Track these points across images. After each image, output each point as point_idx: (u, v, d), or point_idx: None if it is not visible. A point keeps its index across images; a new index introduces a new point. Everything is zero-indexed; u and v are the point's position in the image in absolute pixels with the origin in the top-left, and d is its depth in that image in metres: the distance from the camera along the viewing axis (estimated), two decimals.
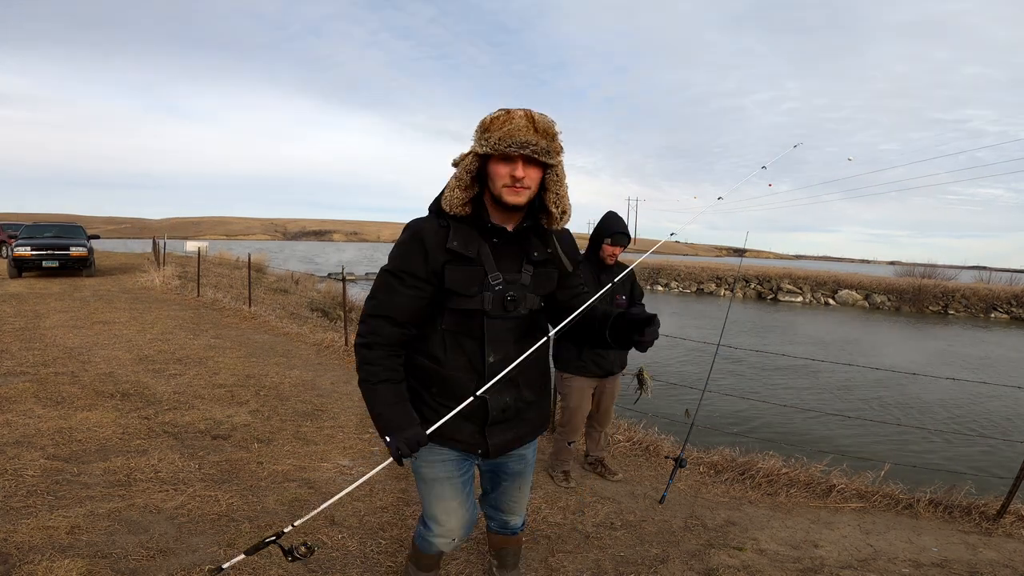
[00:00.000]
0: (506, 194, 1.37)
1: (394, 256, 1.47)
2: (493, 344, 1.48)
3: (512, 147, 1.30)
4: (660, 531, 2.91)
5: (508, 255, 1.49)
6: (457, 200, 1.41)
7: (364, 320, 1.48)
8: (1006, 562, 2.80)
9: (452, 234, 1.43)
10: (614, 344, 1.51)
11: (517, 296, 1.47)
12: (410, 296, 1.44)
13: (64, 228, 15.31)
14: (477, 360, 1.49)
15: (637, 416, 4.91)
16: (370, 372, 1.45)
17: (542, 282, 1.55)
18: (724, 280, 27.08)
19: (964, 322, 20.29)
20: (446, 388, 1.49)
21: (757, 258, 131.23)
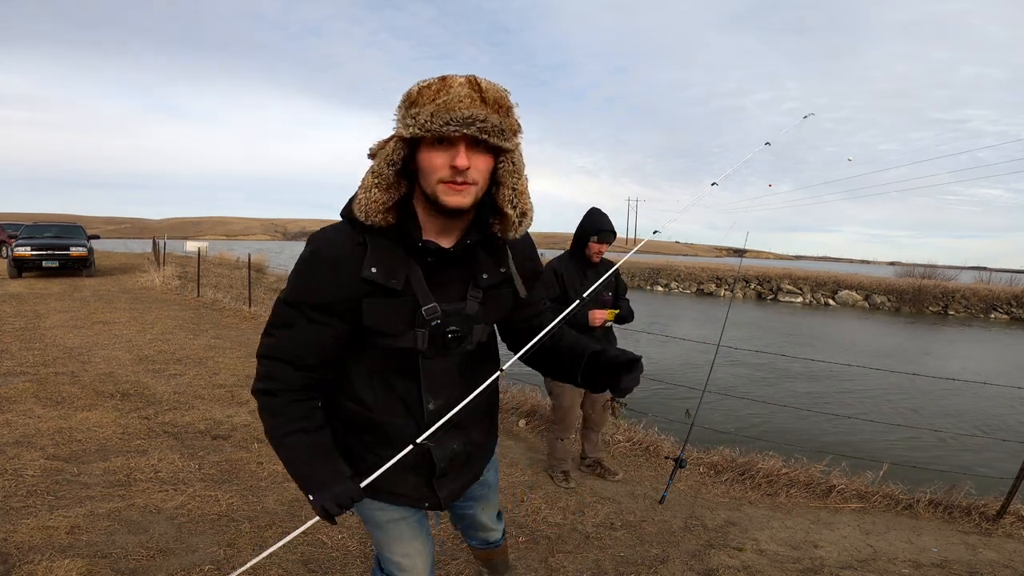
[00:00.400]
0: (444, 193, 1.01)
1: (293, 282, 1.11)
2: (432, 388, 1.18)
3: (451, 125, 0.95)
4: (660, 531, 2.91)
5: (448, 279, 1.15)
6: (376, 205, 1.04)
7: (260, 360, 1.16)
8: (1006, 562, 2.80)
9: (370, 255, 1.07)
10: (586, 387, 1.24)
11: (461, 331, 1.15)
12: (316, 334, 1.11)
13: (64, 228, 15.32)
14: (414, 404, 1.19)
15: (637, 416, 4.91)
16: (275, 424, 1.15)
17: (493, 308, 1.22)
18: (724, 280, 27.08)
19: (964, 322, 20.29)
20: (380, 436, 1.20)
21: (757, 258, 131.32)
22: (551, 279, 3.30)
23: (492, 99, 0.99)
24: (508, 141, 1.03)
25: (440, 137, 0.98)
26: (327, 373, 1.19)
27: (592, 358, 1.22)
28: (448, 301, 1.14)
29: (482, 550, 1.83)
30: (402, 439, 1.17)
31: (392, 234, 1.09)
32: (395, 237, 1.09)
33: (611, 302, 3.27)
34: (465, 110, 0.95)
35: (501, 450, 3.87)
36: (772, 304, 23.69)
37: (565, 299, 3.23)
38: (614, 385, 1.16)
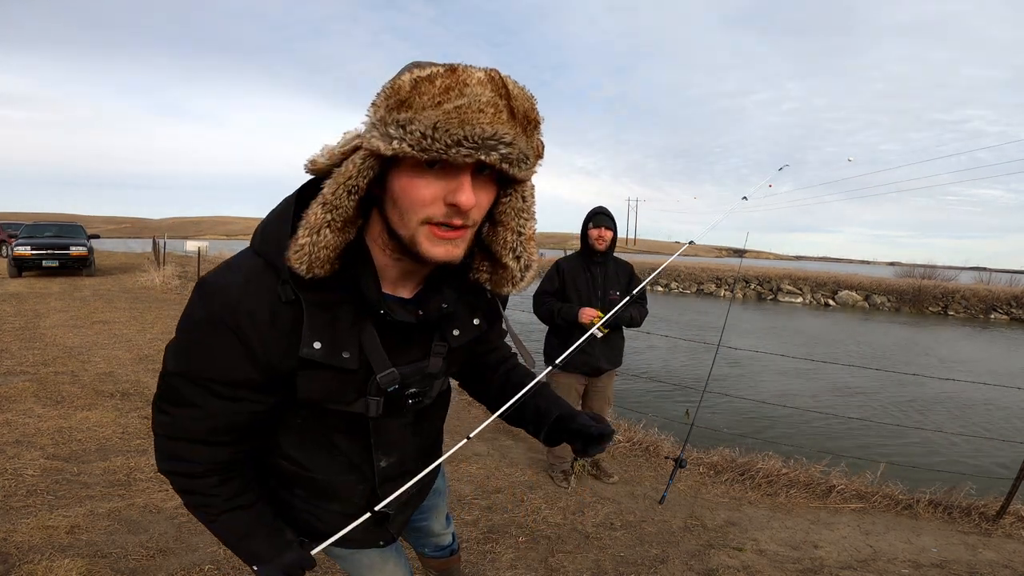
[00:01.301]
0: (429, 239, 0.74)
1: (186, 354, 0.82)
2: (384, 447, 0.99)
3: (465, 147, 0.66)
4: (660, 531, 2.91)
5: (410, 339, 0.90)
6: (325, 253, 0.75)
7: (158, 439, 0.90)
8: (1005, 563, 2.80)
9: (309, 323, 0.79)
10: (548, 444, 1.08)
11: (422, 391, 0.96)
12: (231, 412, 0.85)
13: (64, 228, 15.32)
14: (362, 463, 0.99)
15: (637, 416, 4.91)
16: (201, 504, 0.92)
17: (460, 357, 1.03)
18: (724, 281, 27.08)
19: (964, 323, 20.30)
20: (318, 491, 1.01)
21: (757, 259, 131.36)
22: (552, 273, 3.29)
23: (521, 111, 0.69)
24: (528, 172, 0.75)
25: (439, 161, 0.68)
26: (258, 442, 0.95)
27: (557, 423, 1.04)
28: (407, 362, 0.90)
29: (437, 559, 1.65)
30: (349, 494, 1.01)
31: (336, 285, 0.79)
32: (340, 290, 0.79)
33: (618, 302, 3.22)
34: (487, 126, 0.65)
35: (501, 450, 3.87)
36: (772, 304, 23.70)
37: (564, 295, 3.23)
38: (578, 451, 1.01)
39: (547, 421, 1.05)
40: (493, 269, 0.90)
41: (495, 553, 2.56)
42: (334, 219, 0.73)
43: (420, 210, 0.71)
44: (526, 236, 0.85)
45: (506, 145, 0.68)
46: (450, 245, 0.75)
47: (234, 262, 0.82)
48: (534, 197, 0.84)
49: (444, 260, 0.76)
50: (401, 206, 0.73)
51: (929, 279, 25.79)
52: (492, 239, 0.86)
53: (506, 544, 2.64)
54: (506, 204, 0.82)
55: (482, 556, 2.52)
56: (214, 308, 0.77)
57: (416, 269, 0.85)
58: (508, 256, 0.85)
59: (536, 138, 0.74)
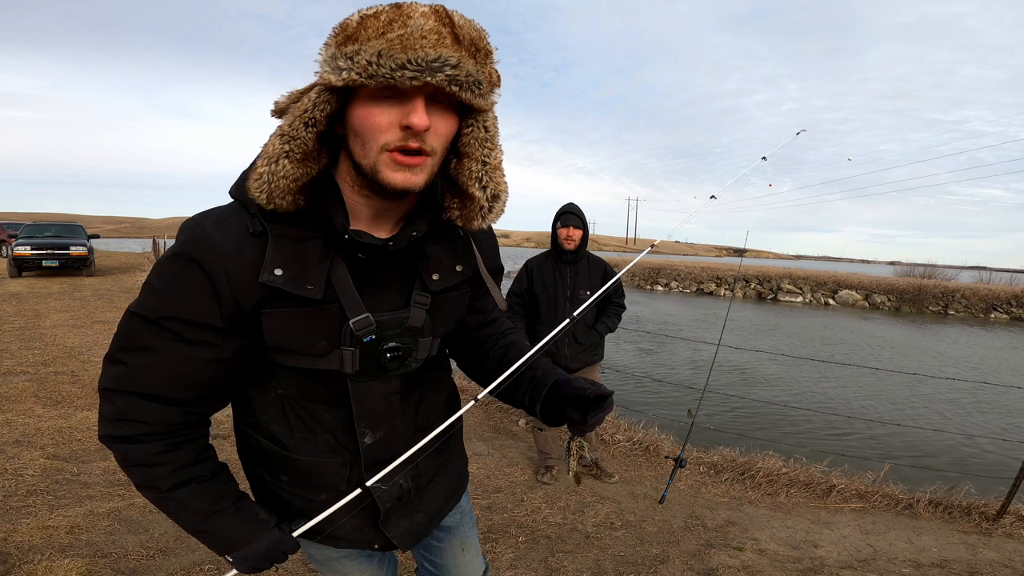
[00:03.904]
0: (388, 166, 0.74)
1: (154, 288, 0.79)
2: (368, 419, 0.91)
3: (409, 69, 0.67)
4: (660, 531, 2.91)
5: (385, 280, 0.87)
6: (284, 183, 0.75)
7: (105, 395, 0.82)
8: (1006, 562, 2.80)
9: (273, 251, 0.78)
10: (544, 420, 1.00)
11: (403, 347, 0.88)
12: (189, 359, 0.80)
13: (64, 227, 15.32)
14: (345, 439, 0.92)
15: (637, 416, 4.91)
16: (150, 477, 0.83)
17: (444, 315, 0.95)
18: (724, 280, 27.08)
19: (964, 322, 20.30)
20: (301, 476, 0.93)
21: (757, 258, 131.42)
22: (521, 274, 3.30)
23: (467, 38, 0.71)
24: (483, 98, 0.76)
25: (388, 87, 0.70)
26: (215, 405, 0.89)
27: (554, 388, 0.97)
28: (385, 309, 0.87)
29: None
30: (334, 479, 0.92)
31: (305, 222, 0.80)
32: (309, 226, 0.80)
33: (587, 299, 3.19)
34: (430, 49, 0.67)
35: (501, 450, 3.87)
36: (772, 304, 23.69)
37: (532, 296, 3.24)
38: (576, 421, 0.92)
39: (542, 389, 0.99)
40: (462, 204, 0.87)
41: (495, 553, 2.56)
42: (292, 150, 0.75)
43: (378, 136, 0.73)
44: (491, 165, 0.83)
45: (451, 67, 0.69)
46: (408, 172, 0.75)
47: (216, 207, 0.84)
48: (497, 128, 0.84)
49: (404, 186, 0.75)
50: (361, 136, 0.74)
51: (929, 278, 25.78)
52: (458, 172, 0.84)
53: (506, 544, 2.64)
54: (469, 135, 0.82)
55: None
56: (184, 242, 0.78)
57: (388, 208, 0.83)
58: (474, 186, 0.83)
59: (489, 67, 0.75)
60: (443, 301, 0.94)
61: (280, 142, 0.75)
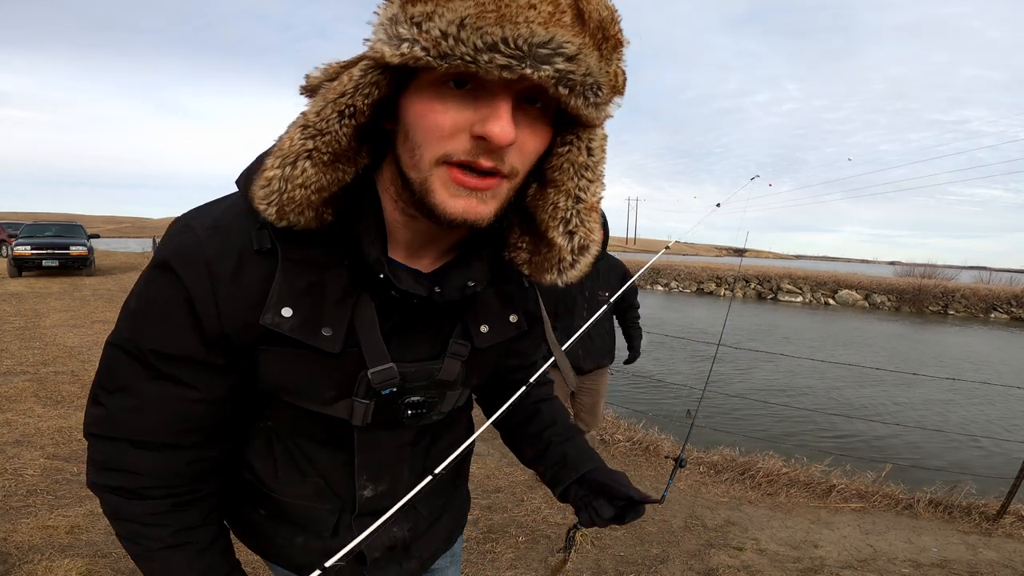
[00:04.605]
0: (448, 187, 0.54)
1: (129, 311, 0.63)
2: (371, 470, 0.76)
3: (502, 54, 0.47)
4: (660, 531, 2.91)
5: (419, 325, 0.69)
6: (304, 193, 0.56)
7: (92, 441, 0.67)
8: (1006, 562, 2.80)
9: (282, 281, 0.60)
10: (563, 501, 0.88)
11: (427, 401, 0.73)
12: (177, 400, 0.64)
13: (64, 227, 15.32)
14: (341, 488, 0.76)
15: (637, 416, 4.91)
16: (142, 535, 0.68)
17: (484, 364, 0.79)
18: (724, 280, 27.08)
19: (964, 322, 20.31)
20: (281, 514, 0.78)
21: (757, 258, 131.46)
22: None
23: (595, 18, 0.50)
24: (597, 108, 0.54)
25: (464, 75, 0.50)
26: (227, 444, 0.73)
27: (588, 477, 0.83)
28: (414, 359, 0.69)
29: None
30: (317, 525, 0.77)
31: (327, 244, 0.61)
32: (333, 251, 0.61)
33: (606, 302, 3.10)
34: (539, 27, 0.46)
35: (501, 450, 3.87)
36: (772, 304, 23.70)
37: None
38: (603, 514, 0.78)
39: (571, 475, 0.84)
40: (535, 248, 0.66)
41: (495, 553, 2.56)
42: (318, 148, 0.54)
43: (436, 144, 0.52)
44: (587, 204, 0.61)
45: (566, 59, 0.47)
46: (474, 199, 0.54)
47: (217, 201, 0.65)
48: (604, 152, 0.61)
49: (464, 219, 0.54)
50: (414, 138, 0.54)
51: (929, 278, 25.79)
52: (538, 205, 0.62)
53: (506, 544, 2.64)
54: (563, 157, 0.59)
55: (482, 556, 2.52)
56: (168, 252, 0.60)
57: (436, 234, 0.63)
58: (557, 229, 0.61)
59: (616, 65, 0.54)
60: (484, 352, 0.76)
61: (301, 136, 0.54)
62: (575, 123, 0.58)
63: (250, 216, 0.60)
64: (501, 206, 0.57)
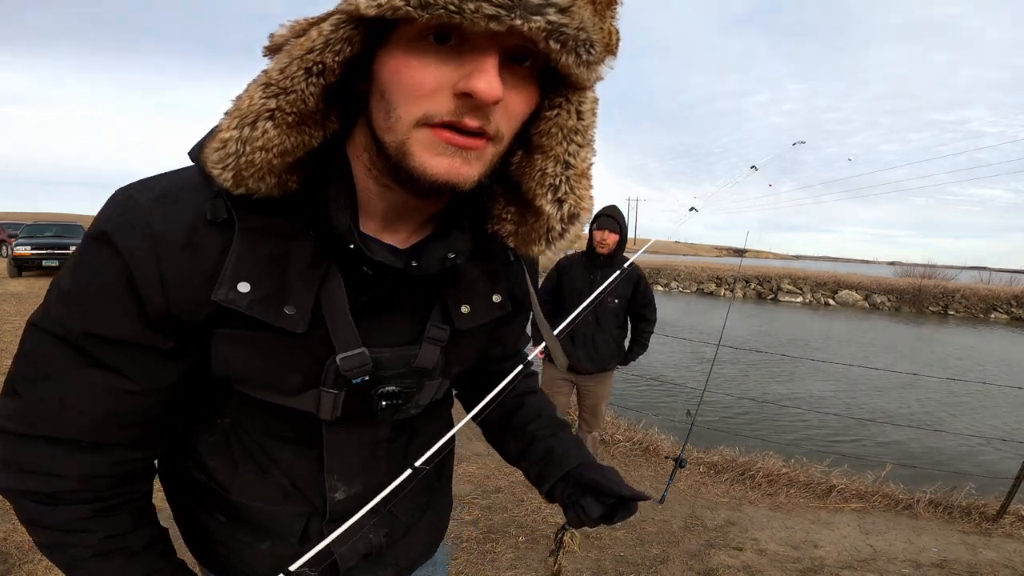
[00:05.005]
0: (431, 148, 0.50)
1: (60, 290, 0.55)
2: (343, 471, 0.69)
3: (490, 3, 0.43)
4: (660, 531, 2.91)
5: (394, 304, 0.63)
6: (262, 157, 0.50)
7: (6, 441, 0.58)
8: (1006, 562, 2.80)
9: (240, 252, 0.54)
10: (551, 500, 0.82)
11: (403, 392, 0.66)
12: (112, 391, 0.57)
13: (64, 227, 15.35)
14: (308, 489, 0.69)
15: (637, 416, 4.91)
16: (65, 544, 0.60)
17: (465, 351, 0.72)
18: (724, 280, 27.09)
19: (964, 322, 20.32)
20: (241, 519, 0.69)
21: (757, 258, 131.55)
22: (551, 272, 3.17)
23: None
24: (590, 68, 0.51)
25: (447, 27, 0.46)
26: (161, 444, 0.65)
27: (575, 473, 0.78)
28: (388, 343, 0.63)
29: None
30: (284, 529, 0.69)
31: (291, 213, 0.56)
32: (297, 220, 0.56)
33: (615, 307, 3.07)
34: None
35: None
36: (772, 304, 23.71)
37: (560, 297, 3.12)
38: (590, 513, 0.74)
39: (558, 472, 0.78)
40: (521, 218, 0.62)
41: (495, 553, 2.56)
42: (282, 108, 0.49)
43: (416, 103, 0.48)
44: (577, 170, 0.57)
45: (559, 10, 0.44)
46: (459, 158, 0.50)
47: (165, 173, 0.58)
48: (595, 116, 0.57)
49: (446, 179, 0.50)
50: (390, 99, 0.49)
51: (929, 278, 25.81)
52: (525, 172, 0.59)
53: (506, 544, 2.64)
54: (551, 121, 0.56)
55: (482, 556, 2.52)
56: (106, 223, 0.53)
57: (413, 206, 0.59)
58: (545, 196, 0.57)
59: (610, 22, 0.50)
60: (465, 338, 0.69)
61: (263, 95, 0.48)
62: (564, 84, 0.54)
63: (204, 186, 0.54)
64: (485, 171, 0.53)
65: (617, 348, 3.20)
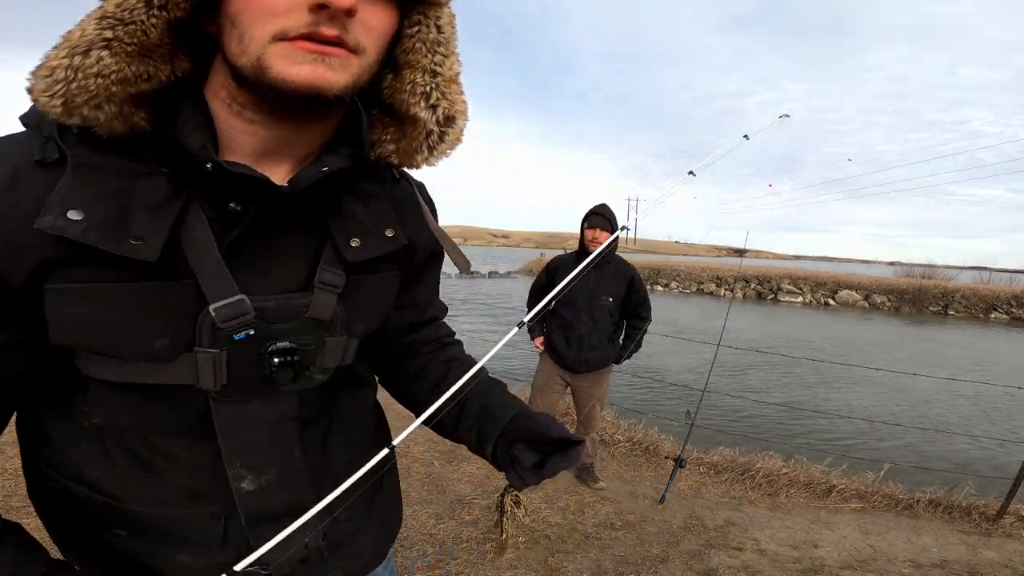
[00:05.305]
0: (286, 57, 0.47)
1: None
2: (245, 455, 0.59)
3: None
4: (660, 531, 2.91)
5: (276, 245, 0.58)
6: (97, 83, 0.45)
7: None
8: (1005, 562, 2.80)
9: (71, 183, 0.47)
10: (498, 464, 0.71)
11: (301, 349, 0.59)
12: None
13: None
14: (215, 483, 0.59)
15: (637, 416, 4.91)
16: None
17: (368, 303, 0.66)
18: (724, 280, 27.10)
19: (964, 322, 20.32)
20: (151, 530, 0.59)
21: (757, 258, 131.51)
22: (542, 272, 3.27)
23: None
24: None
25: None
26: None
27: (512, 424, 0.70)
28: (272, 290, 0.57)
29: None
30: (202, 534, 0.60)
31: (138, 152, 0.50)
32: (145, 158, 0.50)
33: (609, 307, 3.08)
34: None
35: None
36: (772, 304, 23.72)
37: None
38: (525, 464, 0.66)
39: (497, 426, 0.71)
40: (400, 132, 0.61)
41: (495, 553, 2.56)
42: (120, 38, 0.45)
43: (269, 21, 0.46)
44: (445, 77, 0.58)
45: None
46: (322, 65, 0.48)
47: None
48: (454, 29, 0.59)
49: (311, 85, 0.48)
50: (242, 24, 0.47)
51: (929, 279, 25.82)
52: (396, 89, 0.59)
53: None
54: (414, 37, 0.57)
55: (482, 556, 2.52)
56: None
57: (285, 138, 0.55)
58: (418, 105, 0.58)
59: None
60: (363, 284, 0.64)
61: (98, 27, 0.45)
62: (420, 2, 0.56)
63: (35, 136, 0.49)
64: (353, 81, 0.51)
65: (612, 347, 3.20)
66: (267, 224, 0.56)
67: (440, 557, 2.45)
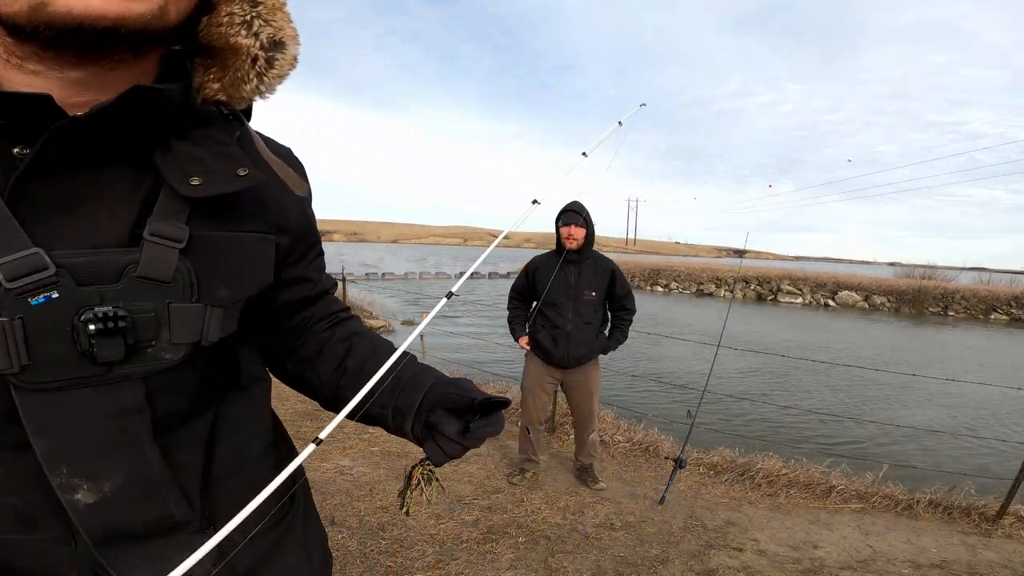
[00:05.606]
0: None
1: None
2: (72, 459, 0.46)
3: None
4: (660, 532, 2.91)
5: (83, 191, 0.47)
6: None
7: None
8: (1005, 563, 2.80)
9: None
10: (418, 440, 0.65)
11: (133, 317, 0.46)
12: None
13: None
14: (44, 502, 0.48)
15: (637, 416, 4.91)
16: None
17: (230, 265, 0.55)
18: (724, 281, 27.10)
19: (964, 323, 20.32)
20: None
21: (757, 259, 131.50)
22: (522, 272, 3.27)
23: None
24: None
25: None
26: None
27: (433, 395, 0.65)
28: (84, 243, 0.46)
29: None
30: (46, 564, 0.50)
31: None
32: None
33: (593, 302, 3.09)
34: None
35: (501, 450, 3.87)
36: (772, 305, 23.72)
37: (532, 294, 3.20)
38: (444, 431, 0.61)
39: (417, 396, 0.65)
40: (224, 70, 0.54)
41: (495, 553, 2.56)
42: None
43: None
44: (267, 5, 0.53)
45: None
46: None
47: None
48: None
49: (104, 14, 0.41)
50: None
51: (929, 279, 25.81)
52: (213, 26, 0.52)
53: (506, 544, 2.64)
54: None
55: (482, 556, 2.52)
56: None
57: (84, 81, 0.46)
58: (239, 34, 0.51)
59: None
60: (223, 241, 0.54)
61: None
62: None
63: None
64: (160, 10, 0.44)
65: (599, 340, 3.20)
66: (70, 165, 0.46)
67: (440, 557, 2.45)
